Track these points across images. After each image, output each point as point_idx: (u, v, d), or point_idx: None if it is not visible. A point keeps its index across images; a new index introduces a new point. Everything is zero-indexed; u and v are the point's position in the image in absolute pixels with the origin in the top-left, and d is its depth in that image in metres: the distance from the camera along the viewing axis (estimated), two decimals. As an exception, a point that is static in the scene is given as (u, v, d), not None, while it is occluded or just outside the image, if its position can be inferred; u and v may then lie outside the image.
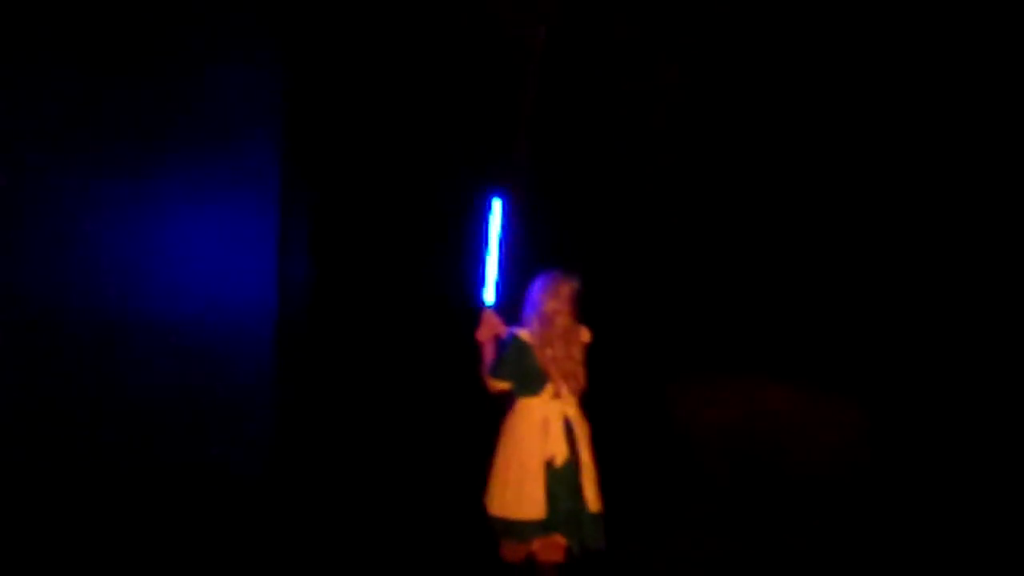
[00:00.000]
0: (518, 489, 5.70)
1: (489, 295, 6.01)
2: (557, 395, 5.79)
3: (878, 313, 7.57)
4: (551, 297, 5.83)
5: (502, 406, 5.89)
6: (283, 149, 6.23)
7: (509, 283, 6.04)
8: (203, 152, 6.18)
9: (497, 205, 6.05)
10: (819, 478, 7.38)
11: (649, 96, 6.90)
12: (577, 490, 5.74)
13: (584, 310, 5.88)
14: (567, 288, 5.87)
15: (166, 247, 6.13)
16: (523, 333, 5.83)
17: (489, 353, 5.89)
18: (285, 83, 6.27)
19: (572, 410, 5.83)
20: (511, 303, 5.97)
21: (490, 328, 5.94)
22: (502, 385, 5.85)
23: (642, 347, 6.92)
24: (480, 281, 6.02)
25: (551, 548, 5.75)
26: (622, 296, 6.82)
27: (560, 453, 5.73)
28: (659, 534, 6.78)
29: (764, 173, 7.36)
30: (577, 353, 5.85)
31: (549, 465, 5.70)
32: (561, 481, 5.70)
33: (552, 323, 5.80)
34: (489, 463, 5.84)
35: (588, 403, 5.86)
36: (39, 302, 5.90)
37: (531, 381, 5.79)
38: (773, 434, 7.39)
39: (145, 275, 6.02)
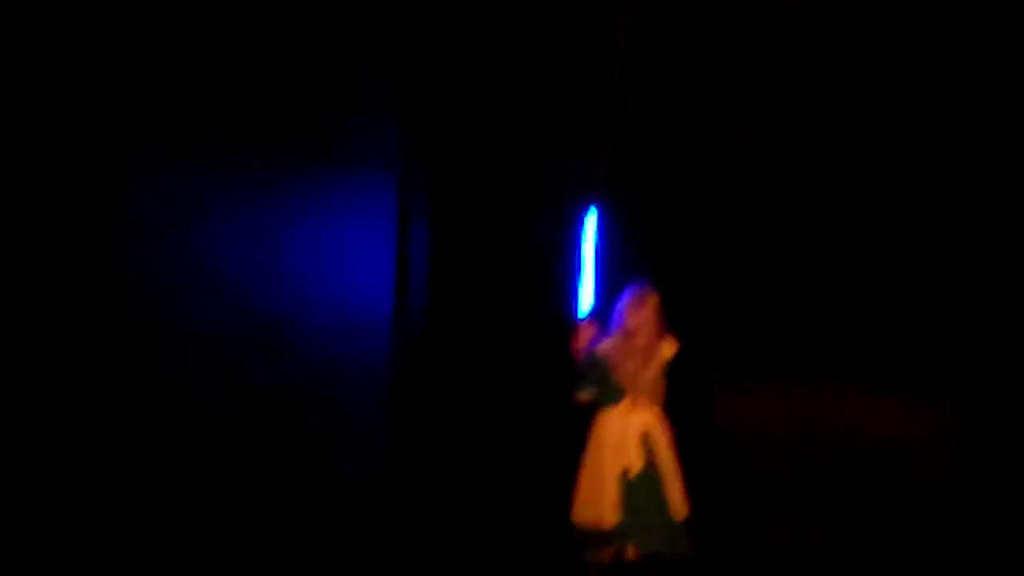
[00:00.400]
0: (595, 498, 5.95)
1: (584, 307, 6.26)
2: (634, 407, 6.00)
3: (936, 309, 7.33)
4: (633, 311, 6.00)
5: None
6: (401, 167, 6.58)
7: (604, 294, 6.26)
8: (327, 167, 6.57)
9: (592, 218, 6.27)
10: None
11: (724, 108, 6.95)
12: (655, 500, 5.94)
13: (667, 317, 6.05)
14: (650, 302, 6.04)
15: (290, 254, 6.55)
16: (602, 347, 6.04)
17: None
18: (403, 104, 6.61)
19: (650, 421, 5.99)
20: (606, 315, 6.19)
21: (585, 340, 6.18)
22: (585, 396, 6.10)
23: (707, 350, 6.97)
24: (577, 294, 6.27)
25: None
26: (693, 300, 6.91)
27: (634, 464, 5.92)
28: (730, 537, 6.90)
29: (841, 172, 7.27)
30: (656, 367, 6.01)
31: (624, 475, 5.92)
32: (636, 492, 5.90)
33: (633, 337, 5.98)
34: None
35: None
36: (173, 298, 6.39)
37: (609, 393, 6.01)
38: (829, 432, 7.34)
39: (269, 282, 6.47)
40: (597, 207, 6.17)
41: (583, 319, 6.20)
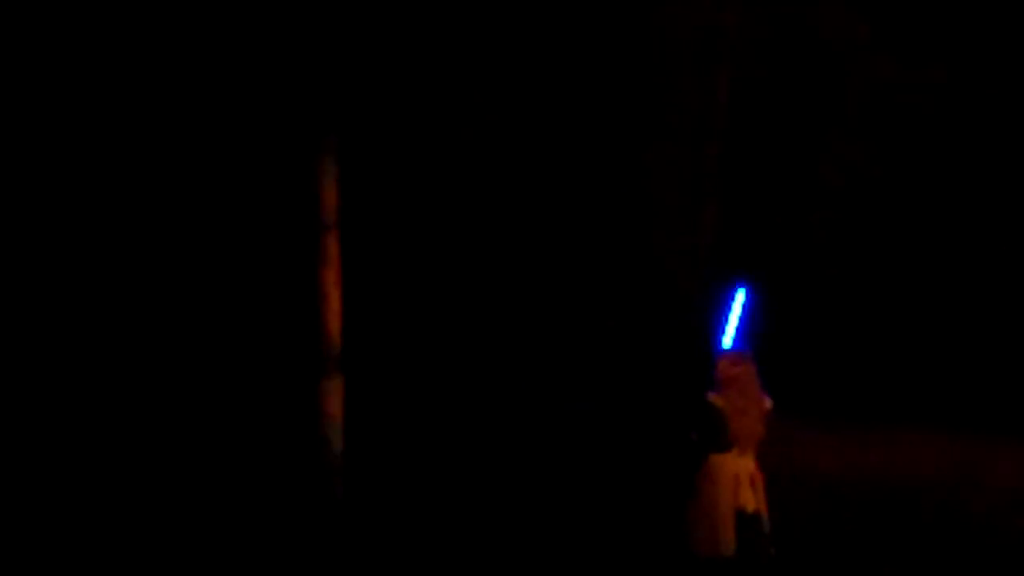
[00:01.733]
0: (713, 533, 6.75)
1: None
2: (743, 453, 6.86)
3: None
4: (739, 369, 6.89)
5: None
6: None
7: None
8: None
9: (741, 293, 7.12)
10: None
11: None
12: (759, 536, 6.82)
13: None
14: (750, 362, 6.94)
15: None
16: (717, 399, 6.88)
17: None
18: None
19: (752, 466, 6.92)
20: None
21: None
22: (696, 438, 6.91)
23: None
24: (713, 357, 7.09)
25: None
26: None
27: (749, 503, 6.79)
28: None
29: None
30: (760, 418, 6.92)
31: (740, 514, 6.76)
32: (748, 528, 6.77)
33: (742, 393, 6.87)
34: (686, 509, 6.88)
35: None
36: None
37: (722, 440, 6.84)
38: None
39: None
40: (746, 286, 7.04)
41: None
